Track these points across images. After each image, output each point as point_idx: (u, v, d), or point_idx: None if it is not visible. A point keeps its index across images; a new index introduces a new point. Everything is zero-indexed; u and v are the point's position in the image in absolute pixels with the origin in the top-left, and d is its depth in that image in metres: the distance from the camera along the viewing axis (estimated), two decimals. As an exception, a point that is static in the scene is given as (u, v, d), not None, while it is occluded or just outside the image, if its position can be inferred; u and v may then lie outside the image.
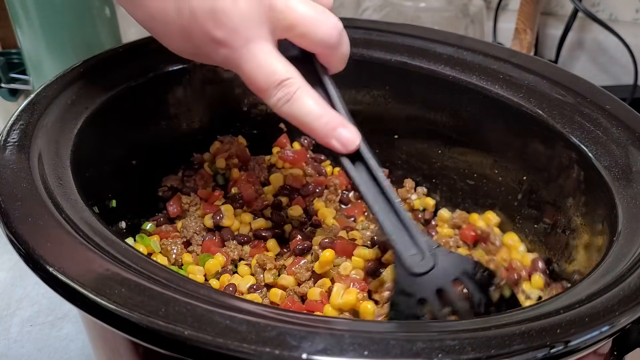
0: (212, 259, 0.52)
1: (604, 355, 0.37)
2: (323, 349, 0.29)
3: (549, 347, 0.30)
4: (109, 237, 0.37)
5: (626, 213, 0.42)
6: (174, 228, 0.57)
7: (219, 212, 0.56)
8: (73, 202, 0.40)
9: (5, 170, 0.41)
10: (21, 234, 0.35)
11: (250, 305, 0.33)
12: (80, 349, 0.60)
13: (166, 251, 0.54)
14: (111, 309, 0.31)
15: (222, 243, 0.55)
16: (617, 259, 0.38)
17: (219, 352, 0.29)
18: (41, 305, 0.64)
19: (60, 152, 0.45)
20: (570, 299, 0.34)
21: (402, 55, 0.62)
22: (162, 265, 0.36)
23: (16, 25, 0.72)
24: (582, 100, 0.52)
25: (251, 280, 0.51)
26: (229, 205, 0.57)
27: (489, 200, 0.60)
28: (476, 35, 0.98)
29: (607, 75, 1.01)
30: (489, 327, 0.31)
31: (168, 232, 0.57)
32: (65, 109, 0.49)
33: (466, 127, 0.60)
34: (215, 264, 0.52)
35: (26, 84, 0.81)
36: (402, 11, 0.96)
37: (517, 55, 0.59)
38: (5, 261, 0.70)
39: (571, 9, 0.96)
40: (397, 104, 0.64)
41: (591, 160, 0.47)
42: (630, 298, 0.34)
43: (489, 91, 0.57)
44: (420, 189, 0.65)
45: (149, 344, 0.31)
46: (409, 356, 0.29)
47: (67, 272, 0.33)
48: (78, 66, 0.54)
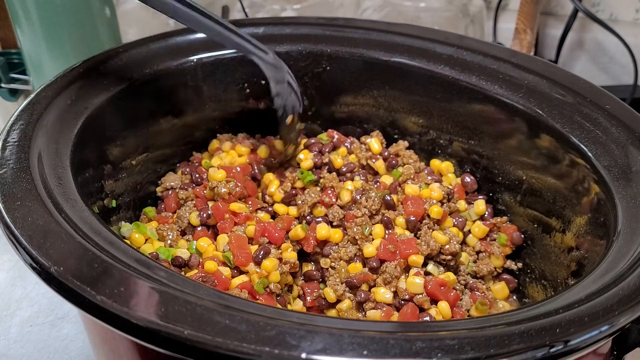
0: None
1: (604, 354, 0.37)
2: (322, 348, 0.29)
3: (549, 347, 0.30)
4: (109, 237, 0.37)
5: (626, 213, 0.42)
6: (172, 216, 0.58)
7: (205, 209, 0.56)
8: (73, 202, 0.40)
9: (5, 170, 0.41)
10: (21, 234, 0.35)
11: (250, 304, 0.33)
12: (80, 349, 0.60)
13: (162, 236, 0.55)
14: (111, 309, 0.31)
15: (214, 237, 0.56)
16: (616, 259, 0.38)
17: (218, 352, 0.29)
18: (41, 305, 0.64)
19: (60, 152, 0.45)
20: (570, 299, 0.34)
21: (402, 55, 0.62)
22: (162, 265, 0.36)
23: (16, 25, 0.72)
24: (582, 100, 0.52)
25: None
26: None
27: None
28: (476, 35, 0.98)
29: (607, 75, 1.01)
30: (489, 326, 0.31)
31: (167, 218, 0.58)
32: (65, 109, 0.49)
33: (466, 127, 0.60)
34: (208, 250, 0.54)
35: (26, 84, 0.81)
36: (402, 11, 0.96)
37: (517, 55, 0.60)
38: (5, 261, 0.70)
39: (571, 9, 0.96)
40: (397, 104, 0.64)
41: (591, 160, 0.47)
42: (629, 297, 0.34)
43: (489, 91, 0.57)
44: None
45: (149, 344, 0.31)
46: (409, 356, 0.29)
47: (67, 272, 0.33)
48: (78, 66, 0.54)
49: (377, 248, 0.53)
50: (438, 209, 0.56)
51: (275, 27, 0.65)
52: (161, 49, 0.60)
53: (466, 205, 0.60)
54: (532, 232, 0.56)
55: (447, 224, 0.57)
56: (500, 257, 0.56)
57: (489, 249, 0.56)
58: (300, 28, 0.66)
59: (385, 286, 0.52)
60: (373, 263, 0.52)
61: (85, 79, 0.53)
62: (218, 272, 0.50)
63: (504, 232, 0.57)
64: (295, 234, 0.54)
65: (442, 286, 0.50)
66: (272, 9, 1.04)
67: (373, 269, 0.52)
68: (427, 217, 0.56)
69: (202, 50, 0.62)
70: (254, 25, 0.65)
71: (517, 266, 0.56)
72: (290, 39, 0.64)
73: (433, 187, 0.58)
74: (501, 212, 0.59)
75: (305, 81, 0.65)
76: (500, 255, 0.56)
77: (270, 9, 1.04)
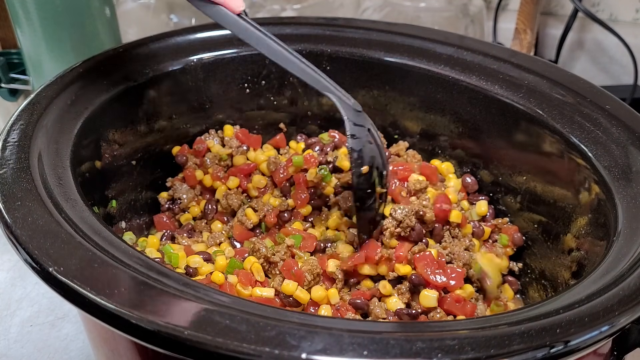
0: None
1: (604, 355, 0.37)
2: (322, 348, 0.29)
3: (549, 347, 0.30)
4: (109, 237, 0.37)
5: (626, 213, 0.42)
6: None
7: (212, 200, 0.59)
8: (73, 202, 0.40)
9: (5, 170, 0.41)
10: (21, 234, 0.35)
11: (250, 304, 0.33)
12: (80, 349, 0.60)
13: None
14: (111, 309, 0.31)
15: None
16: (617, 259, 0.38)
17: (218, 352, 0.29)
18: (41, 305, 0.64)
19: (60, 152, 0.45)
20: (570, 299, 0.34)
21: (402, 55, 0.62)
22: (162, 265, 0.36)
23: (16, 25, 0.72)
24: (582, 100, 0.52)
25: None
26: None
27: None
28: (476, 35, 0.98)
29: (607, 75, 1.01)
30: (489, 326, 0.31)
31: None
32: (65, 109, 0.49)
33: (466, 127, 0.60)
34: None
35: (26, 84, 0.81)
36: (402, 11, 0.96)
37: (517, 55, 0.60)
38: (5, 261, 0.70)
39: (571, 9, 0.96)
40: (397, 104, 0.64)
41: (591, 160, 0.47)
42: (630, 298, 0.34)
43: (489, 91, 0.57)
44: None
45: (149, 344, 0.31)
46: (409, 356, 0.29)
47: (67, 272, 0.33)
48: (78, 66, 0.54)
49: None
50: (457, 212, 0.55)
51: (275, 27, 0.65)
52: (161, 49, 0.60)
53: (468, 206, 0.59)
54: (533, 233, 0.56)
55: (467, 230, 0.56)
56: (504, 259, 0.56)
57: (492, 250, 0.56)
58: (300, 28, 0.66)
59: (398, 296, 0.50)
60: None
61: (85, 79, 0.53)
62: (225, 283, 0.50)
63: (505, 233, 0.57)
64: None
65: (459, 302, 0.49)
66: (272, 9, 1.04)
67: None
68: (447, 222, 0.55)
69: (202, 50, 0.62)
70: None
71: (518, 267, 0.56)
72: (290, 39, 0.64)
73: (449, 191, 0.58)
74: (502, 212, 0.59)
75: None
76: (503, 256, 0.56)
77: (270, 9, 1.04)
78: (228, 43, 0.63)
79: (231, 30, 0.49)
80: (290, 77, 0.65)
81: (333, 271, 0.51)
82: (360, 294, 0.51)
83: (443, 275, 0.49)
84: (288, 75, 0.65)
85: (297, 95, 0.66)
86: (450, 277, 0.49)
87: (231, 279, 0.49)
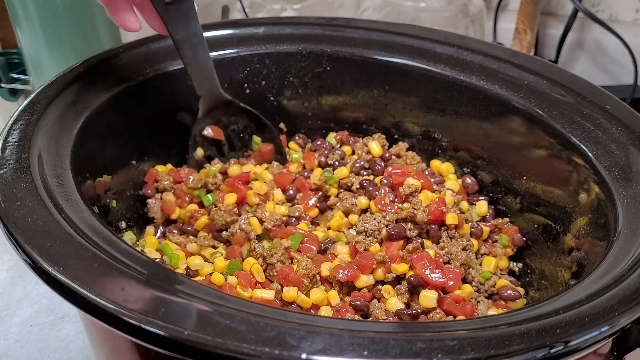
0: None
1: (604, 355, 0.37)
2: (322, 348, 0.29)
3: (549, 347, 0.30)
4: (109, 237, 0.37)
5: (626, 213, 0.42)
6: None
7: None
8: (73, 202, 0.40)
9: (5, 170, 0.41)
10: (21, 234, 0.35)
11: (250, 305, 0.33)
12: (80, 349, 0.60)
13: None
14: (111, 309, 0.31)
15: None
16: (617, 259, 0.38)
17: (218, 352, 0.29)
18: (41, 305, 0.64)
19: (60, 152, 0.45)
20: (570, 299, 0.34)
21: (402, 55, 0.62)
22: (162, 265, 0.36)
23: (16, 25, 0.72)
24: (582, 100, 0.52)
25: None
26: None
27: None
28: (476, 35, 0.98)
29: (607, 75, 1.01)
30: (489, 327, 0.31)
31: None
32: (65, 109, 0.49)
33: (466, 128, 0.60)
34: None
35: (26, 84, 0.81)
36: (402, 11, 0.96)
37: (517, 55, 0.59)
38: (5, 261, 0.70)
39: (571, 9, 0.96)
40: (397, 104, 0.64)
41: (591, 160, 0.47)
42: (630, 298, 0.34)
43: (489, 91, 0.57)
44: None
45: (149, 344, 0.31)
46: (409, 356, 0.29)
47: (67, 272, 0.33)
48: (78, 66, 0.54)
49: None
50: (453, 215, 0.54)
51: (275, 27, 0.65)
52: (161, 49, 0.60)
53: (468, 207, 0.59)
54: (533, 233, 0.55)
55: (464, 231, 0.56)
56: (504, 259, 0.56)
57: (492, 250, 0.56)
58: (300, 28, 0.66)
59: (397, 297, 0.50)
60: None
61: (85, 79, 0.53)
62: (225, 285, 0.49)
63: (505, 234, 0.57)
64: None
65: (458, 302, 0.48)
66: (272, 9, 1.04)
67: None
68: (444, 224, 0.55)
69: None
70: (254, 25, 0.65)
71: (518, 267, 0.56)
72: (290, 39, 0.64)
73: (446, 194, 0.57)
74: (502, 213, 0.59)
75: (306, 81, 0.65)
76: (503, 256, 0.56)
77: (270, 9, 1.04)
78: (228, 43, 0.63)
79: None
80: (290, 77, 0.65)
81: (328, 275, 0.51)
82: (360, 295, 0.51)
83: (441, 275, 0.49)
84: (288, 75, 0.65)
85: (297, 95, 0.66)
86: (448, 277, 0.49)
87: (231, 280, 0.49)
